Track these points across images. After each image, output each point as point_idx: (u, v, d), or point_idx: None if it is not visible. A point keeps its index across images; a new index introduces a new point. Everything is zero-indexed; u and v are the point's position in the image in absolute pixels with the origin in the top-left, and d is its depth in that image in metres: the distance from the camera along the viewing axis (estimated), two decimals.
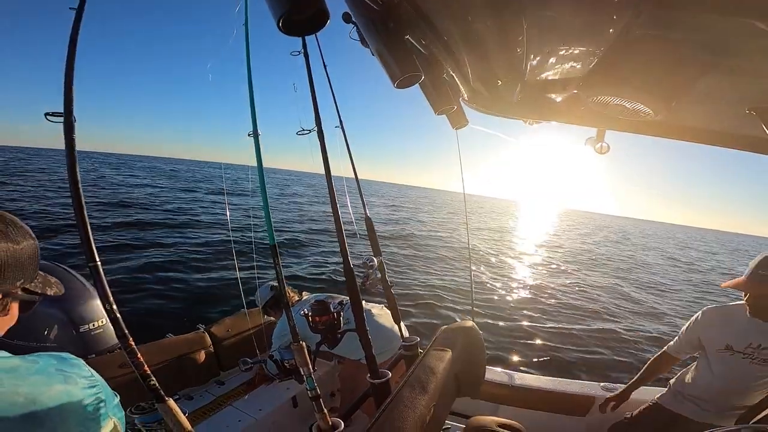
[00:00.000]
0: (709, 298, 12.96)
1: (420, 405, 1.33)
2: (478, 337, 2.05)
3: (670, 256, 27.00)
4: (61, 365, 0.77)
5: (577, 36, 0.91)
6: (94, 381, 0.82)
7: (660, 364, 2.39)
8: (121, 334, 0.90)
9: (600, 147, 1.60)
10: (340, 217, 1.70)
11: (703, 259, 29.87)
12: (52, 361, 0.77)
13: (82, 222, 0.86)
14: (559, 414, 2.68)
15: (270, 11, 0.76)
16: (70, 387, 0.75)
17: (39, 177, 23.50)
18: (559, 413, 2.68)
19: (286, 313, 1.42)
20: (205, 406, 2.54)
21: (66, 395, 0.73)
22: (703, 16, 0.70)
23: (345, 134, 2.27)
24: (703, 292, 14.07)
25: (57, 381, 0.74)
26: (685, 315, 9.64)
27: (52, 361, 0.77)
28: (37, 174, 25.51)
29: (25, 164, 35.61)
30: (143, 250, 8.99)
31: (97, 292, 0.87)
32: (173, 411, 0.96)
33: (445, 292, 8.55)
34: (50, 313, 2.42)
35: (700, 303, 11.41)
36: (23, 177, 22.80)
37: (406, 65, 1.07)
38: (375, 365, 1.76)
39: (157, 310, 5.94)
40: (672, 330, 8.10)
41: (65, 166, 0.90)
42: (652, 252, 28.82)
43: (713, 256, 35.95)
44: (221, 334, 2.96)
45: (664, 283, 14.33)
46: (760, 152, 1.35)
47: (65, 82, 1.01)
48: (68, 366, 0.79)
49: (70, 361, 0.81)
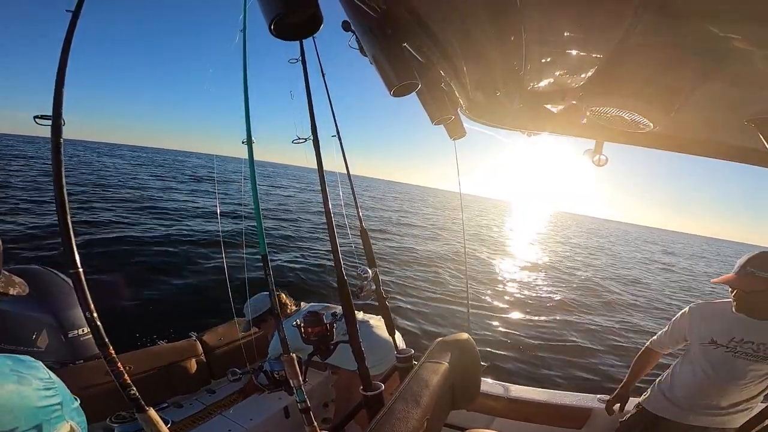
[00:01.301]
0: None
1: (413, 418, 1.30)
2: (473, 349, 2.02)
3: (666, 263, 27.07)
4: (17, 366, 0.80)
5: (575, 45, 0.90)
6: (51, 383, 0.84)
7: (645, 360, 2.44)
8: (101, 343, 0.88)
9: (598, 159, 1.59)
10: (335, 227, 1.67)
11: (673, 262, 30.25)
12: (8, 362, 0.79)
13: (65, 227, 0.84)
14: (554, 426, 2.65)
15: (263, 15, 0.75)
16: (23, 387, 0.77)
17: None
18: (554, 425, 2.65)
19: (276, 324, 1.39)
20: (194, 414, 2.50)
21: (17, 395, 0.75)
22: (702, 25, 0.70)
23: (342, 144, 2.26)
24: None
25: (10, 381, 0.76)
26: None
27: (8, 362, 0.79)
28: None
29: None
30: (133, 252, 8.90)
31: (78, 299, 0.85)
32: (153, 421, 0.93)
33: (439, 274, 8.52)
34: (39, 318, 2.38)
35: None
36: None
37: (402, 73, 1.06)
38: (368, 377, 1.73)
39: (148, 316, 5.87)
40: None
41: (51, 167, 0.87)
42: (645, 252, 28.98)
43: (671, 256, 36.15)
44: (213, 343, 2.92)
45: (658, 298, 14.32)
46: (759, 165, 1.34)
47: (56, 84, 1.00)
48: (24, 367, 0.81)
49: (28, 363, 0.83)
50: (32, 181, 17.11)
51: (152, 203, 15.82)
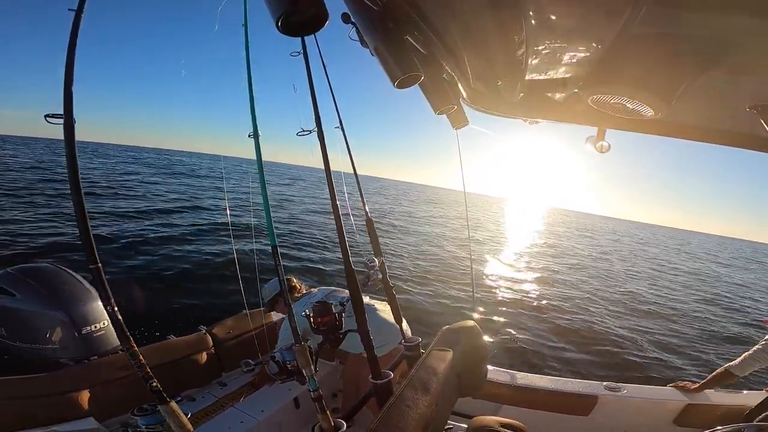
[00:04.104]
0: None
1: (422, 405, 1.33)
2: (479, 336, 2.04)
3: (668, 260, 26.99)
4: None
5: (577, 34, 0.91)
6: None
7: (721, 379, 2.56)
8: (123, 336, 0.90)
9: (600, 146, 1.59)
10: (341, 218, 1.70)
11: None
12: None
13: (83, 224, 0.86)
14: (561, 414, 2.68)
15: (269, 11, 0.76)
16: None
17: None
18: (561, 413, 2.68)
19: (288, 315, 1.42)
20: (207, 407, 2.54)
21: None
22: (703, 13, 0.70)
23: (345, 135, 2.27)
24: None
25: None
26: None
27: None
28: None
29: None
30: (144, 250, 8.97)
31: (99, 294, 0.87)
32: (175, 413, 0.96)
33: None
34: (52, 315, 2.42)
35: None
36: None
37: (405, 65, 1.07)
38: (377, 366, 1.76)
39: (158, 311, 5.92)
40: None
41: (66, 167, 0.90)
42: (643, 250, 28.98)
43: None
44: (222, 335, 2.95)
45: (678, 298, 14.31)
46: (761, 150, 1.35)
47: (65, 83, 1.01)
48: None
49: None
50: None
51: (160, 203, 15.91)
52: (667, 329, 8.05)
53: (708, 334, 8.39)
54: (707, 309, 11.09)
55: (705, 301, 12.38)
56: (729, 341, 8.11)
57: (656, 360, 6.42)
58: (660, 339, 7.33)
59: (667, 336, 7.60)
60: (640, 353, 6.56)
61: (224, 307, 6.07)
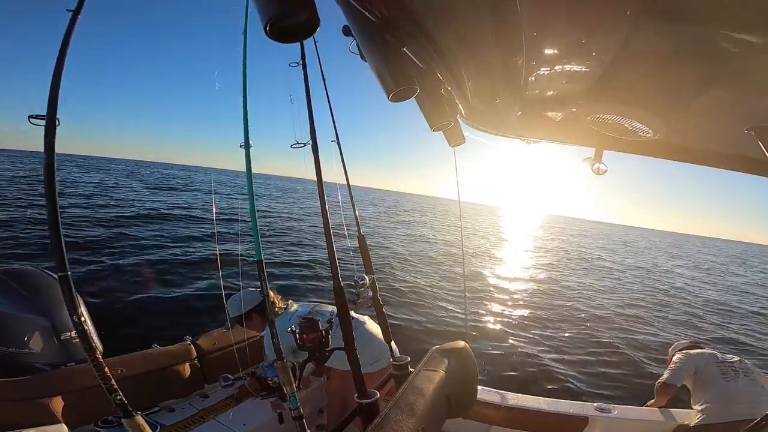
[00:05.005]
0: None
1: (407, 428, 1.29)
2: (470, 357, 2.00)
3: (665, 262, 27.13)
4: None
5: (576, 53, 0.89)
6: None
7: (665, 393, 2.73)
8: (89, 347, 0.85)
9: (597, 168, 1.57)
10: (332, 233, 1.65)
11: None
12: None
13: (55, 229, 0.82)
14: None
15: (259, 16, 0.74)
16: None
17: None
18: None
19: (270, 331, 1.37)
20: (186, 419, 2.46)
21: None
22: (702, 33, 0.69)
23: (341, 150, 2.24)
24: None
25: None
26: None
27: None
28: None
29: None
30: (128, 256, 8.86)
31: (66, 303, 0.83)
32: (140, 427, 0.91)
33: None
34: (32, 319, 2.36)
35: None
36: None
37: (401, 78, 1.05)
38: (363, 385, 1.71)
39: (143, 319, 5.82)
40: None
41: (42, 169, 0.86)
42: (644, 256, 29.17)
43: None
44: (207, 347, 2.89)
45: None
46: (759, 174, 1.33)
47: (52, 83, 0.99)
48: None
49: None
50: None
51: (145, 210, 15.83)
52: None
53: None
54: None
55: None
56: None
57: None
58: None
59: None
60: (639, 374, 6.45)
61: (209, 317, 5.96)
